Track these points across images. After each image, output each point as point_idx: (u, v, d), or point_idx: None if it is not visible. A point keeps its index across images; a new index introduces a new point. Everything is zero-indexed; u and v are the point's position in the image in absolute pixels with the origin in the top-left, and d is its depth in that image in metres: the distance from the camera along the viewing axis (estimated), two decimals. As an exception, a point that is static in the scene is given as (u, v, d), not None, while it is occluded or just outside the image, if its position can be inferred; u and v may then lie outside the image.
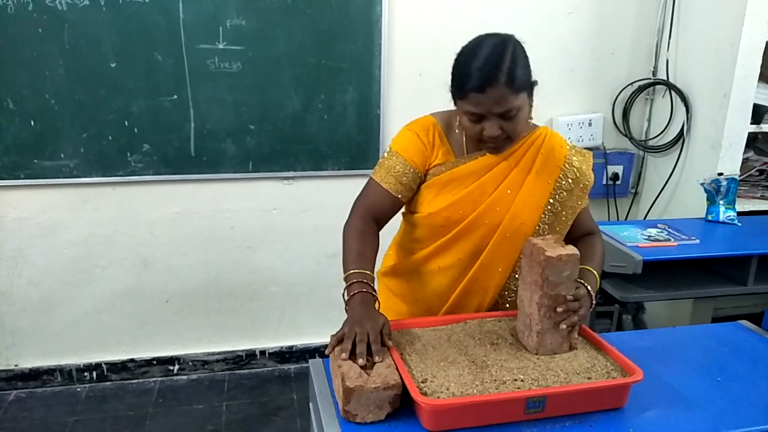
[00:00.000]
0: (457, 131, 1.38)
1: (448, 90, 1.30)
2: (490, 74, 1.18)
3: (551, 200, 1.38)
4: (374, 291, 1.27)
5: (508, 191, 1.36)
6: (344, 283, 1.28)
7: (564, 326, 1.19)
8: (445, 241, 1.39)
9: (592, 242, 1.46)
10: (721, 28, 2.47)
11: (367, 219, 1.38)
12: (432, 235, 1.41)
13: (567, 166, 1.38)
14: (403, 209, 1.48)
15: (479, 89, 1.19)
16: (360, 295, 1.24)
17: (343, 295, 1.26)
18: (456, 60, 1.27)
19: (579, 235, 1.48)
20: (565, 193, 1.39)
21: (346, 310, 1.24)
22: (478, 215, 1.36)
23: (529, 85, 1.25)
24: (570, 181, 1.38)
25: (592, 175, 1.43)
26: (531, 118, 1.32)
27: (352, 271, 1.27)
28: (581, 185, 1.40)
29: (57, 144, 2.37)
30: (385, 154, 1.42)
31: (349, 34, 2.47)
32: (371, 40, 2.49)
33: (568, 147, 1.41)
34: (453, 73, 1.27)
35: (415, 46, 2.55)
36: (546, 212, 1.39)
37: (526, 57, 1.24)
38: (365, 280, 1.26)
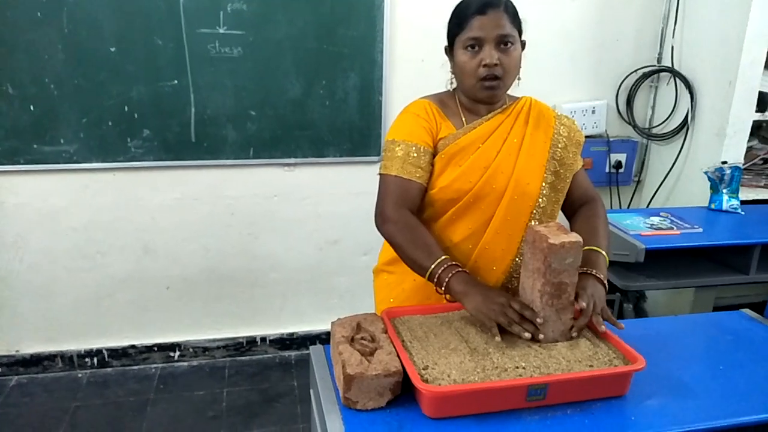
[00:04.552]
0: (451, 86, 1.45)
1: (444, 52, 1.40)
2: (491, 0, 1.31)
3: (550, 159, 1.42)
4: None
5: (510, 153, 1.39)
6: (432, 276, 1.26)
7: (575, 334, 1.20)
8: (456, 212, 1.39)
9: (593, 212, 1.47)
10: (727, 15, 2.45)
11: (404, 211, 1.35)
12: (442, 210, 1.41)
13: (558, 125, 1.44)
14: None
15: (481, 11, 1.30)
16: (462, 274, 1.25)
17: (440, 283, 1.25)
18: (455, 7, 1.37)
19: (579, 199, 1.49)
20: (560, 151, 1.43)
21: (446, 298, 1.28)
22: (485, 181, 1.37)
23: (521, 32, 1.36)
24: (564, 138, 1.44)
25: (582, 134, 1.49)
26: (519, 78, 1.39)
27: (439, 260, 1.27)
28: (574, 141, 1.45)
29: (56, 129, 2.36)
30: (392, 146, 1.38)
31: (351, 19, 2.45)
32: (373, 25, 2.47)
33: (553, 110, 1.47)
34: (452, 16, 1.37)
35: (417, 31, 2.52)
36: (547, 171, 1.41)
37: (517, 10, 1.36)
38: (454, 263, 1.27)
